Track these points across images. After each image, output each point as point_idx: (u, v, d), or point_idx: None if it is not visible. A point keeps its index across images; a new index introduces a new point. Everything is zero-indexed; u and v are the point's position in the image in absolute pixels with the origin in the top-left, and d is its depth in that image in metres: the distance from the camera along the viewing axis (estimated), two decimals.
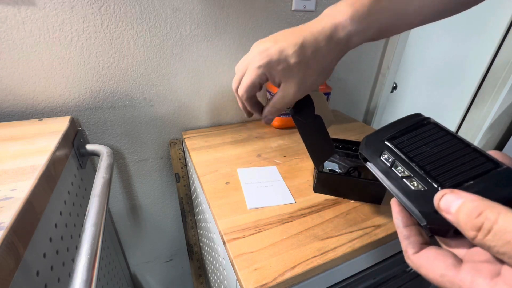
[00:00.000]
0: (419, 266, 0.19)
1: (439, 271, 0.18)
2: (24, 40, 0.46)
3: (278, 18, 0.64)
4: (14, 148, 0.37)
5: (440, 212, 0.18)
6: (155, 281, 0.90)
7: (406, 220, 0.22)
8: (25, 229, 0.27)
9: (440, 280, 0.17)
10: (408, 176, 0.22)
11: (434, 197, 0.19)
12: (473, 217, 0.15)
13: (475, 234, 0.15)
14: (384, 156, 0.24)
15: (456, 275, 0.17)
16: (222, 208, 0.41)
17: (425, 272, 0.19)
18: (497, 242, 0.14)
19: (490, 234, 0.15)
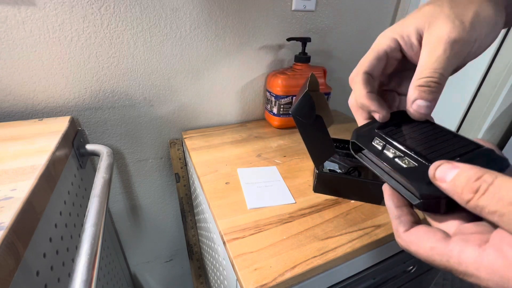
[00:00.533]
0: (409, 242, 0.20)
1: (429, 244, 0.18)
2: (24, 40, 0.46)
3: (278, 18, 0.64)
4: (14, 148, 0.37)
5: (435, 182, 0.19)
6: (155, 281, 0.90)
7: (397, 201, 0.22)
8: (25, 229, 0.27)
9: (430, 254, 0.18)
10: (400, 156, 0.23)
11: (429, 168, 0.19)
12: (471, 181, 0.16)
13: (471, 197, 0.16)
14: (376, 141, 0.25)
15: (445, 247, 0.17)
16: (222, 208, 0.41)
17: (415, 248, 0.19)
18: (490, 201, 0.15)
19: (485, 194, 0.15)
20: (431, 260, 0.18)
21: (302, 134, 0.40)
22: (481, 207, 0.15)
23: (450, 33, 0.22)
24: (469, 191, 0.16)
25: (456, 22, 0.22)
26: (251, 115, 0.74)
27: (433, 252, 0.18)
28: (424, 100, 0.23)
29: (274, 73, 0.65)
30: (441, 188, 0.18)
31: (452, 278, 1.22)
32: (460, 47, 0.22)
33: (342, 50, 0.78)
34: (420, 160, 0.21)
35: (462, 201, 0.16)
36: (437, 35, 0.22)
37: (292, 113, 0.38)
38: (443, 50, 0.22)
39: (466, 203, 0.16)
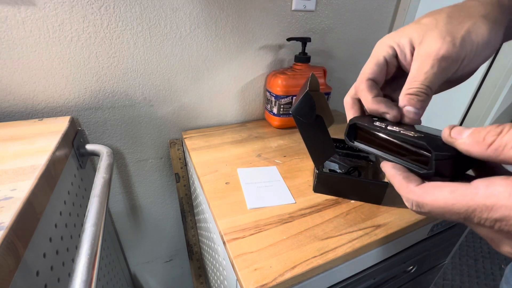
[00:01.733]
0: (423, 193, 0.19)
1: (449, 188, 0.17)
2: (24, 40, 0.46)
3: (278, 18, 0.64)
4: (14, 148, 0.37)
5: (451, 140, 0.19)
6: (155, 281, 0.90)
7: (402, 168, 0.23)
8: (25, 229, 0.27)
9: (450, 198, 0.17)
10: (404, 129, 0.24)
11: (443, 130, 0.20)
12: (493, 128, 0.17)
13: (494, 138, 0.16)
14: (377, 123, 0.27)
15: (467, 187, 0.17)
16: (222, 208, 0.41)
17: (431, 198, 0.18)
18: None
19: (509, 132, 0.16)
20: (451, 204, 0.17)
21: (302, 134, 0.40)
22: (505, 143, 0.16)
23: (439, 49, 0.23)
24: (492, 135, 0.16)
25: (447, 38, 0.23)
26: (251, 115, 0.74)
27: (454, 195, 0.17)
28: (413, 107, 0.24)
29: (274, 73, 0.65)
30: (457, 143, 0.19)
31: (452, 278, 1.22)
32: (448, 63, 0.23)
33: (342, 50, 0.78)
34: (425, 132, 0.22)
35: (483, 146, 0.17)
36: (427, 50, 0.24)
37: (292, 113, 0.38)
38: (431, 66, 0.23)
39: (488, 146, 0.16)
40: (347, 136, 0.30)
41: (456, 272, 1.26)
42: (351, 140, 0.30)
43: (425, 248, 0.47)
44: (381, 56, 0.27)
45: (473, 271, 1.26)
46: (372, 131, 0.27)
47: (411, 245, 0.44)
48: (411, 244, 0.44)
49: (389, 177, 0.23)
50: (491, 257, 1.34)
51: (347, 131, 0.30)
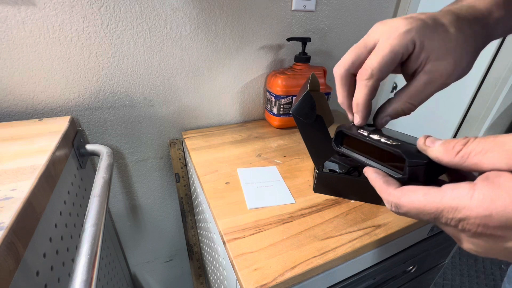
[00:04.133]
0: (401, 196, 0.21)
1: (423, 191, 0.19)
2: (24, 40, 0.46)
3: (278, 18, 0.64)
4: (14, 148, 0.37)
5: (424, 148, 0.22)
6: (155, 281, 0.90)
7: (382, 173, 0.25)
8: (25, 229, 0.27)
9: (423, 199, 0.19)
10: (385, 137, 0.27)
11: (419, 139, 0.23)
12: (461, 139, 0.19)
13: (461, 147, 0.19)
14: (361, 130, 0.30)
15: (438, 190, 0.19)
16: (222, 208, 0.41)
17: (407, 200, 0.20)
18: (477, 145, 0.18)
19: (473, 143, 0.18)
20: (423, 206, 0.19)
21: (302, 134, 0.40)
22: (469, 151, 0.18)
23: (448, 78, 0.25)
24: (459, 145, 0.19)
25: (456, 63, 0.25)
26: (251, 115, 0.74)
27: (426, 197, 0.19)
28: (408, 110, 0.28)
29: (274, 73, 0.65)
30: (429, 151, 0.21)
31: (452, 278, 1.22)
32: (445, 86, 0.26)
33: (342, 50, 0.78)
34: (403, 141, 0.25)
35: (452, 154, 0.19)
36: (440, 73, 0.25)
37: (292, 113, 0.38)
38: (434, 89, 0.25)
39: (456, 154, 0.19)
40: (334, 141, 0.33)
41: (456, 272, 1.26)
42: (338, 145, 0.33)
43: (425, 248, 0.47)
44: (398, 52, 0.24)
45: (473, 271, 1.26)
46: (356, 139, 0.30)
47: (411, 245, 0.44)
48: (411, 244, 0.44)
49: (371, 181, 0.25)
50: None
51: (334, 137, 0.33)
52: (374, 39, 0.26)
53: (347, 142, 0.33)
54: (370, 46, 0.26)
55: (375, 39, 0.26)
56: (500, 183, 0.16)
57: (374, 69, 0.25)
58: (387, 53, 0.25)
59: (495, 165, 0.17)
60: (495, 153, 0.17)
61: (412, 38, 0.24)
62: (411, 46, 0.24)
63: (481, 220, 0.16)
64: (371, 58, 0.26)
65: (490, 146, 0.17)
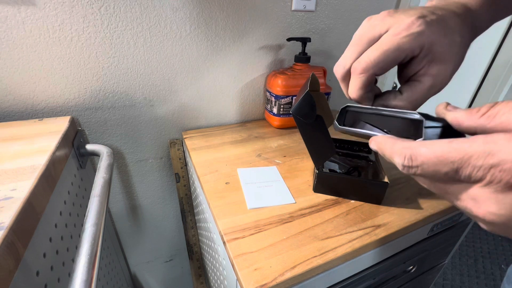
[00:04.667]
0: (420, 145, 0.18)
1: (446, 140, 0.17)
2: (24, 40, 0.46)
3: (278, 18, 0.64)
4: (14, 148, 0.37)
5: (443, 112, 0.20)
6: (155, 281, 0.90)
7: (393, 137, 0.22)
8: (25, 229, 0.27)
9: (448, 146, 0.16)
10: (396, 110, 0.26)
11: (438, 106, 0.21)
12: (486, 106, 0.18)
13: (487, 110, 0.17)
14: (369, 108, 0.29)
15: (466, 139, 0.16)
16: (222, 208, 0.41)
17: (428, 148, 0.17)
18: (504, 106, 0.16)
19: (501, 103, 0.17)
20: (446, 155, 0.16)
21: (302, 134, 0.40)
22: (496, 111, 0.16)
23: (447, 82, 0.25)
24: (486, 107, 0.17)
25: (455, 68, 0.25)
26: (251, 115, 0.74)
27: (452, 144, 0.16)
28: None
29: (274, 73, 0.65)
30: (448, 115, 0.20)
31: (452, 279, 1.22)
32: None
33: (342, 50, 0.77)
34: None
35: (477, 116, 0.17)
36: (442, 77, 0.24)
37: (292, 112, 0.38)
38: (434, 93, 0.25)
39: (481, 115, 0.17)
40: (337, 120, 0.31)
41: (456, 272, 1.26)
42: (341, 123, 0.31)
43: (425, 248, 0.47)
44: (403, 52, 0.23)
45: (473, 271, 1.26)
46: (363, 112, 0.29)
47: (411, 245, 0.44)
48: (411, 244, 0.44)
49: (379, 144, 0.22)
50: (491, 257, 1.34)
51: (338, 116, 0.31)
52: (380, 31, 0.24)
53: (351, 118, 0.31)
54: (375, 38, 0.24)
55: (381, 31, 0.24)
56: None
57: (369, 64, 0.24)
58: (391, 50, 0.23)
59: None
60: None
61: (422, 42, 0.22)
62: (417, 50, 0.23)
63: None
64: (371, 51, 0.24)
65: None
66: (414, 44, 0.22)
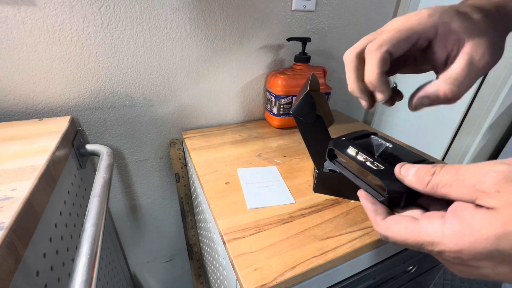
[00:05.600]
0: (386, 228, 0.23)
1: (403, 225, 0.22)
2: (24, 40, 0.46)
3: (278, 18, 0.64)
4: (14, 148, 0.37)
5: (400, 177, 0.24)
6: (155, 281, 0.90)
7: (371, 199, 0.27)
8: (25, 229, 0.27)
9: (404, 233, 0.21)
10: (370, 160, 0.29)
11: (395, 167, 0.25)
12: (428, 169, 0.21)
13: (430, 178, 0.21)
14: (350, 149, 0.32)
15: (415, 224, 0.21)
16: (222, 208, 0.41)
17: (392, 232, 0.22)
18: (442, 176, 0.20)
19: (440, 173, 0.20)
20: (405, 239, 0.21)
21: (302, 134, 0.40)
22: (437, 183, 0.20)
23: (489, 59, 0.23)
24: (428, 175, 0.21)
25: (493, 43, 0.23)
26: (251, 115, 0.74)
27: (407, 231, 0.21)
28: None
29: (274, 73, 0.65)
30: (405, 181, 0.23)
31: (452, 278, 1.22)
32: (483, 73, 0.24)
33: (342, 50, 0.77)
34: (386, 164, 0.27)
35: (423, 184, 0.21)
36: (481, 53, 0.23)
37: (292, 112, 0.38)
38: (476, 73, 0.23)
39: (426, 184, 0.21)
40: (328, 156, 0.35)
41: None
42: (331, 160, 0.35)
43: None
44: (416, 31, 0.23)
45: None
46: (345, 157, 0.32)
47: None
48: None
49: (363, 206, 0.27)
50: None
51: (327, 153, 0.35)
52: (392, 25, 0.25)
53: (340, 156, 0.34)
54: None
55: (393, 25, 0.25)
56: (465, 218, 0.18)
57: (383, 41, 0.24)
58: (403, 30, 0.23)
59: (460, 197, 0.19)
60: (458, 188, 0.19)
61: (435, 22, 0.23)
62: (431, 31, 0.23)
63: (455, 254, 0.18)
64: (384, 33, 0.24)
65: (453, 179, 0.19)
66: (425, 24, 0.23)
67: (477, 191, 0.18)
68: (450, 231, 0.18)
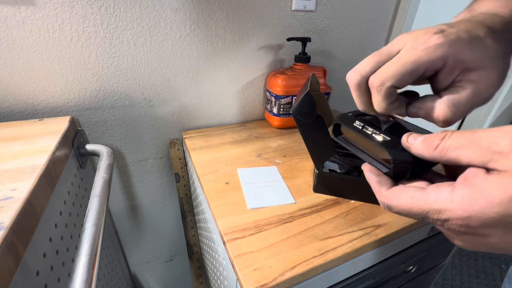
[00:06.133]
0: (391, 198, 0.22)
1: (409, 194, 0.21)
2: (24, 40, 0.46)
3: (278, 18, 0.64)
4: (14, 148, 0.37)
5: (407, 145, 0.23)
6: (155, 281, 0.90)
7: (377, 171, 0.26)
8: (25, 229, 0.27)
9: (410, 202, 0.20)
10: (376, 133, 0.28)
11: (402, 137, 0.24)
12: (438, 134, 0.20)
13: (439, 142, 0.20)
14: (356, 123, 0.31)
15: (422, 192, 0.20)
16: (222, 208, 0.41)
17: (396, 201, 0.22)
18: (454, 139, 0.19)
19: (451, 137, 0.19)
20: (410, 207, 0.20)
21: (302, 134, 0.40)
22: (447, 146, 0.19)
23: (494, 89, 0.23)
24: (438, 139, 0.20)
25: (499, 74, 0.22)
26: (251, 115, 0.74)
27: (413, 199, 0.20)
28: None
29: (274, 73, 0.65)
30: (411, 148, 0.22)
31: (452, 278, 1.22)
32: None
33: (342, 50, 0.78)
34: (393, 135, 0.27)
35: (431, 148, 0.20)
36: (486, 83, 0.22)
37: (292, 112, 0.38)
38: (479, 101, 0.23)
39: (435, 148, 0.20)
40: (333, 131, 0.35)
41: (456, 272, 1.26)
42: (336, 135, 0.35)
43: (425, 248, 0.47)
44: (423, 65, 0.22)
45: (473, 271, 1.26)
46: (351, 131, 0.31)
47: (411, 245, 0.44)
48: (411, 244, 0.44)
49: (367, 179, 0.26)
50: (491, 257, 1.34)
51: (333, 128, 0.35)
52: (399, 47, 0.24)
53: (345, 131, 0.34)
54: (393, 54, 0.24)
55: (400, 47, 0.24)
56: (476, 184, 0.17)
57: (386, 77, 0.23)
58: (408, 63, 0.22)
59: (471, 161, 0.18)
60: (471, 150, 0.18)
61: (443, 54, 0.22)
62: (439, 62, 0.22)
63: (463, 221, 0.17)
64: (388, 65, 0.24)
65: (466, 142, 0.18)
66: (432, 56, 0.22)
67: (492, 153, 0.17)
68: (460, 198, 0.17)
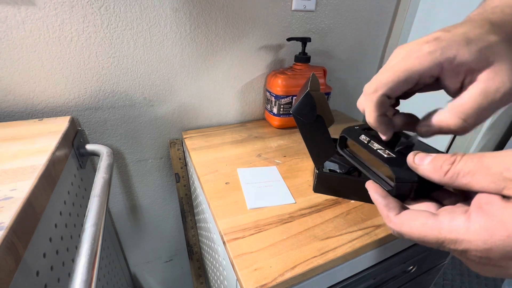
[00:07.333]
0: (401, 224, 0.21)
1: (420, 221, 0.20)
2: (24, 40, 0.46)
3: (278, 18, 0.64)
4: (14, 148, 0.37)
5: (413, 165, 0.22)
6: (155, 281, 0.90)
7: (382, 192, 0.25)
8: (25, 229, 0.27)
9: (422, 230, 0.19)
10: (382, 148, 0.28)
11: (408, 156, 0.23)
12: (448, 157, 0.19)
13: (449, 167, 0.19)
14: (362, 137, 0.31)
15: (435, 220, 0.19)
16: (222, 208, 0.41)
17: (407, 228, 0.21)
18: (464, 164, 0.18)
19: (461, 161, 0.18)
20: (423, 236, 0.19)
21: (302, 134, 0.40)
22: (457, 172, 0.18)
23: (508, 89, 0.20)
24: (447, 163, 0.19)
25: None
26: (251, 115, 0.74)
27: (425, 228, 0.19)
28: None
29: (274, 73, 0.65)
30: (419, 170, 0.21)
31: (452, 278, 1.22)
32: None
33: (342, 50, 0.78)
34: (398, 153, 0.26)
35: (441, 173, 0.19)
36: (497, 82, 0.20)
37: (293, 112, 0.38)
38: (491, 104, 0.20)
39: (444, 174, 0.19)
40: (339, 145, 0.35)
41: (456, 272, 1.26)
42: (342, 148, 0.35)
43: (425, 248, 0.47)
44: (416, 73, 0.22)
45: (473, 271, 1.26)
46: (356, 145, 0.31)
47: (411, 245, 0.44)
48: (411, 244, 0.44)
49: (373, 200, 0.25)
50: None
51: (338, 141, 0.35)
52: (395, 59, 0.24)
53: (351, 145, 0.34)
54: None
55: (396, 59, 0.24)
56: (493, 213, 0.16)
57: (379, 84, 0.23)
58: (400, 71, 0.22)
59: (484, 188, 0.17)
60: (482, 176, 0.17)
61: (436, 60, 0.21)
62: (435, 68, 0.21)
63: (482, 253, 0.16)
64: (381, 73, 0.24)
65: (477, 168, 0.17)
66: (424, 64, 0.21)
67: (505, 180, 0.16)
68: (477, 227, 0.16)
